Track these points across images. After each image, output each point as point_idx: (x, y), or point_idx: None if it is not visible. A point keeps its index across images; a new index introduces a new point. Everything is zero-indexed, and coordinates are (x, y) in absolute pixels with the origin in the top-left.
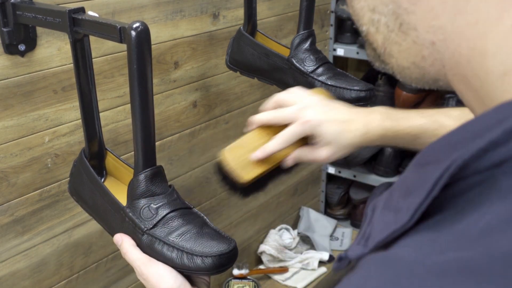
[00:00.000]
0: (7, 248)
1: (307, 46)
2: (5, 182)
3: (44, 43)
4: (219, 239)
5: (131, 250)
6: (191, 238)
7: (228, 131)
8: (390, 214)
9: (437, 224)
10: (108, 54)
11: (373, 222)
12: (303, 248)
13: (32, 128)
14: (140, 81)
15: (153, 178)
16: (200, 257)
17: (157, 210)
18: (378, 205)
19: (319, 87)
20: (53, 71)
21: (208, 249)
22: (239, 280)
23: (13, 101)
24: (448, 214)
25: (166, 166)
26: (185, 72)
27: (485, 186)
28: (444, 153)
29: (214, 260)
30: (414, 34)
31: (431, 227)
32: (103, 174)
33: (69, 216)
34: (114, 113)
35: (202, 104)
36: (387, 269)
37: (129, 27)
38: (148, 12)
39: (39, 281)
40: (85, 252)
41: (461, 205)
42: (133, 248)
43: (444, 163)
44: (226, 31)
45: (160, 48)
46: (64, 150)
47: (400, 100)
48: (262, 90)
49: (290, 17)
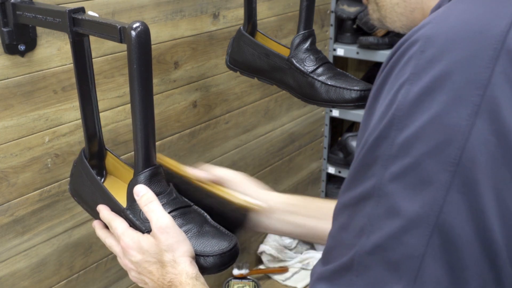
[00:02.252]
0: (7, 248)
1: (307, 46)
2: (5, 182)
3: (44, 43)
4: (219, 237)
5: (158, 202)
6: (191, 237)
7: (228, 131)
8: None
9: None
10: (108, 54)
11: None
12: (303, 248)
13: (32, 128)
14: (140, 81)
15: (152, 178)
16: (201, 257)
17: None
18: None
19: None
20: (53, 71)
21: (209, 248)
22: (239, 280)
23: (13, 101)
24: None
25: None
26: (185, 72)
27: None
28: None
29: (216, 259)
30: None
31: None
32: (103, 174)
33: (69, 216)
34: (114, 113)
35: (202, 104)
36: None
37: (129, 27)
38: (148, 12)
39: (39, 281)
40: (85, 252)
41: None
42: (159, 201)
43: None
44: (226, 31)
45: (160, 48)
46: (64, 150)
47: None
48: (262, 90)
49: (290, 17)
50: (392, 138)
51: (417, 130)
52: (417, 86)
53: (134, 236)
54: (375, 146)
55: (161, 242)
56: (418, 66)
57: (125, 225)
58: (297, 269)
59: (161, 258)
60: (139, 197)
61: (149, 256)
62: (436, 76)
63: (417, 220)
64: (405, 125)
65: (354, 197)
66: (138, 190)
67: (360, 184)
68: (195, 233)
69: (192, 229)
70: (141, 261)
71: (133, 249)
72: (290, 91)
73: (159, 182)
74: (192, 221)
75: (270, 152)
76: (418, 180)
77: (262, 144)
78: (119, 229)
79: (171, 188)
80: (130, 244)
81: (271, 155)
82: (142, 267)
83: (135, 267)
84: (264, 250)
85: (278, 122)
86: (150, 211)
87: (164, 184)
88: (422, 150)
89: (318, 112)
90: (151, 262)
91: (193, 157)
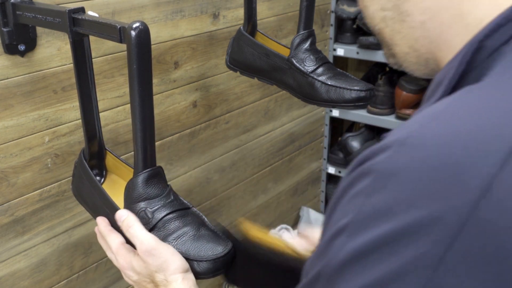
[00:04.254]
0: (7, 248)
1: (307, 46)
2: (5, 182)
3: (44, 43)
4: (215, 241)
5: (139, 225)
6: (187, 241)
7: (228, 131)
8: (433, 97)
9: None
10: (108, 54)
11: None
12: None
13: (32, 128)
14: (140, 81)
15: (149, 180)
16: (195, 261)
17: (153, 213)
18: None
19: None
20: (53, 71)
21: (203, 253)
22: None
23: (13, 101)
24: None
25: (166, 166)
26: (185, 72)
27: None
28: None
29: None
30: (409, 19)
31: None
32: (103, 174)
33: (69, 216)
34: (114, 113)
35: (202, 104)
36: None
37: (129, 27)
38: (148, 12)
39: (39, 281)
40: (85, 252)
41: (478, 75)
42: (140, 223)
43: (461, 54)
44: (226, 31)
45: (160, 48)
46: (64, 150)
47: (400, 100)
48: (262, 90)
49: (290, 17)
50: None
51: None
52: (351, 245)
53: (127, 257)
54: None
55: (149, 264)
56: (360, 215)
57: (119, 241)
58: None
59: (153, 279)
60: (121, 223)
61: (143, 276)
62: (377, 239)
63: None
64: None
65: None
66: (119, 216)
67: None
68: (191, 237)
69: (188, 232)
70: (138, 280)
71: (128, 269)
72: (290, 91)
73: (158, 184)
74: (189, 224)
75: (270, 152)
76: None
77: (262, 144)
78: (113, 247)
79: (169, 189)
80: (125, 265)
81: (271, 155)
82: (141, 285)
83: (136, 284)
84: None
85: (278, 122)
86: (132, 236)
87: (163, 186)
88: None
89: (318, 112)
90: (147, 282)
91: (193, 157)
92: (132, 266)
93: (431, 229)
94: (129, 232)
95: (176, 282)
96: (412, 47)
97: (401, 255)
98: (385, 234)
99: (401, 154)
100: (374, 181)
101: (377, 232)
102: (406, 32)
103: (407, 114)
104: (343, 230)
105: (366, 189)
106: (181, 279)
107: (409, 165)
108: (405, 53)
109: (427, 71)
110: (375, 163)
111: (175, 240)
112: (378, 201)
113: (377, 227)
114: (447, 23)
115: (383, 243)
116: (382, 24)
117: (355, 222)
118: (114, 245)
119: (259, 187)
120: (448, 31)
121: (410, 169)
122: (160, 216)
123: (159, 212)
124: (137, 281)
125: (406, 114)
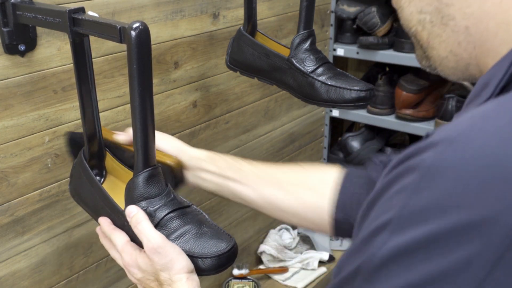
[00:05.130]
0: (7, 248)
1: (307, 46)
2: (5, 182)
3: (44, 43)
4: (218, 238)
5: (148, 222)
6: (190, 239)
7: (228, 131)
8: (477, 100)
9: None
10: (108, 54)
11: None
12: (303, 248)
13: (32, 128)
14: (140, 81)
15: (149, 179)
16: (199, 259)
17: (154, 212)
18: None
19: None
20: (53, 71)
21: (207, 250)
22: (239, 280)
23: (13, 101)
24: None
25: None
26: (185, 72)
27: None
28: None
29: (213, 261)
30: (452, 23)
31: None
32: (103, 174)
33: (69, 216)
34: (114, 113)
35: (202, 104)
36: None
37: (129, 27)
38: (148, 12)
39: (39, 281)
40: (85, 252)
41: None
42: (149, 221)
43: (509, 57)
44: (226, 31)
45: (160, 48)
46: (64, 150)
47: (400, 100)
48: (262, 90)
49: (290, 17)
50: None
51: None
52: (395, 242)
53: (133, 254)
54: (341, 287)
55: (155, 262)
56: (405, 211)
57: (124, 239)
58: (297, 269)
59: (158, 277)
60: (130, 218)
61: (148, 274)
62: (425, 237)
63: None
64: (371, 284)
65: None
66: (129, 211)
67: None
68: (193, 235)
69: (191, 230)
70: (142, 278)
71: (133, 267)
72: (290, 91)
73: (158, 183)
74: (191, 222)
75: (270, 152)
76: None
77: (262, 144)
78: (119, 245)
79: (169, 188)
80: (130, 263)
81: (271, 155)
82: (145, 283)
83: (139, 282)
84: (264, 250)
85: (278, 122)
86: (139, 233)
87: (163, 185)
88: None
89: (318, 112)
90: (151, 280)
91: None
92: (137, 264)
93: (486, 228)
94: (137, 228)
95: (180, 281)
96: (452, 51)
97: (452, 254)
98: (434, 232)
99: (451, 152)
100: (421, 178)
101: (425, 230)
102: (447, 36)
103: (407, 114)
104: (385, 226)
105: (411, 185)
106: (185, 279)
107: (460, 162)
108: (442, 57)
109: (464, 76)
110: (422, 159)
111: (177, 239)
112: (425, 198)
113: (425, 224)
114: (493, 31)
115: (432, 241)
116: (419, 26)
117: (399, 218)
118: (120, 243)
119: None
120: (494, 38)
121: (461, 167)
122: (162, 214)
123: (160, 211)
124: (141, 279)
125: (406, 114)
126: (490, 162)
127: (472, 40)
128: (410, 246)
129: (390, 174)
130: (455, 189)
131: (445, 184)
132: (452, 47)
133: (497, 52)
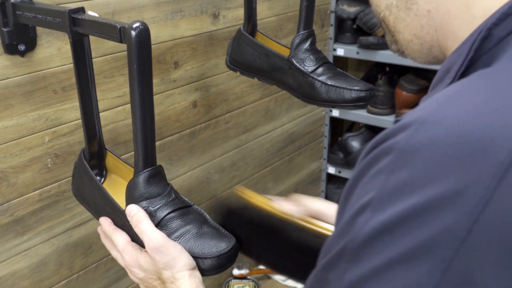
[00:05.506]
0: (7, 248)
1: (307, 46)
2: (5, 182)
3: (44, 43)
4: (218, 238)
5: (149, 221)
6: (190, 239)
7: (228, 131)
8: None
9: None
10: (108, 54)
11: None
12: None
13: (32, 128)
14: (140, 81)
15: (150, 179)
16: (199, 259)
17: (155, 212)
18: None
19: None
20: (53, 71)
21: (207, 250)
22: (239, 280)
23: (13, 101)
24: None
25: (166, 166)
26: (185, 72)
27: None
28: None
29: (213, 261)
30: (415, 7)
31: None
32: (103, 174)
33: (69, 216)
34: (114, 113)
35: (202, 104)
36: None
37: (129, 27)
38: (148, 12)
39: (39, 281)
40: (85, 252)
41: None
42: (149, 220)
43: (469, 41)
44: (226, 31)
45: (160, 48)
46: (64, 150)
47: (400, 100)
48: (262, 90)
49: (290, 17)
50: (342, 270)
51: (367, 275)
52: (377, 219)
53: (134, 254)
54: (326, 269)
55: (157, 261)
56: (384, 190)
57: (125, 240)
58: None
59: (160, 276)
60: (130, 217)
61: (150, 273)
62: (403, 213)
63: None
64: (355, 263)
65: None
66: (129, 210)
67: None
68: (194, 234)
69: (191, 230)
70: (144, 277)
71: (135, 267)
72: (290, 91)
73: (159, 183)
74: (192, 222)
75: (270, 152)
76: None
77: (262, 144)
78: (119, 246)
79: (170, 188)
80: (131, 263)
81: (271, 155)
82: (147, 282)
83: (141, 282)
84: None
85: (278, 122)
86: (140, 232)
87: (164, 185)
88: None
89: (318, 112)
90: (153, 279)
91: (193, 157)
92: (139, 263)
93: (456, 201)
94: (138, 228)
95: (183, 279)
96: (416, 35)
97: (428, 227)
98: (411, 208)
99: (423, 131)
100: (397, 158)
101: (403, 206)
102: (410, 20)
103: None
104: (366, 206)
105: (388, 166)
106: (188, 276)
107: (432, 141)
108: (408, 41)
109: (429, 58)
110: (396, 141)
111: (178, 238)
112: (402, 177)
113: (403, 201)
114: (454, 13)
115: (410, 216)
116: (387, 11)
117: (379, 197)
118: (121, 243)
119: (259, 187)
120: (454, 21)
121: (433, 145)
122: (163, 214)
123: (161, 211)
124: (143, 278)
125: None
126: (459, 138)
127: (433, 24)
128: (391, 222)
129: (366, 159)
130: (429, 166)
131: (420, 162)
132: (415, 30)
133: (456, 35)
